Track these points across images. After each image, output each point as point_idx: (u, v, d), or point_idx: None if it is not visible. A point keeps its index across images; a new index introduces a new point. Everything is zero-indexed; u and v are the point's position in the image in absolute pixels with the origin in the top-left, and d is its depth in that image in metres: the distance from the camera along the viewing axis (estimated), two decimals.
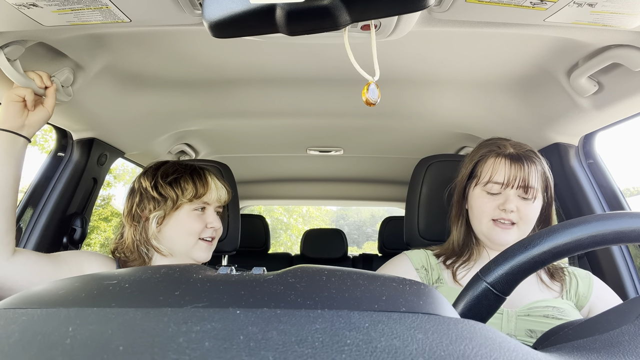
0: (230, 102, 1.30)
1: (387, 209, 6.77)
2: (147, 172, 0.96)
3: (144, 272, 0.32)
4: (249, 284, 0.29)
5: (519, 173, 0.88)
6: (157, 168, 0.97)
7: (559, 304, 0.83)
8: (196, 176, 0.95)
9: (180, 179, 0.94)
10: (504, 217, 0.87)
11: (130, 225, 0.93)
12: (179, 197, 0.92)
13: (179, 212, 0.93)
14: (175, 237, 0.93)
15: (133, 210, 0.93)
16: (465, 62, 1.05)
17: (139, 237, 0.92)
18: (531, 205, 0.88)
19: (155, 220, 0.91)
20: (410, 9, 0.50)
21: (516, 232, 0.88)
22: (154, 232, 0.91)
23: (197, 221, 0.93)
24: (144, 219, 0.92)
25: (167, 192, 0.92)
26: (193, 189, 0.93)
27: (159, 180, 0.93)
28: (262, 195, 2.62)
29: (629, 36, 0.78)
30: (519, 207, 0.87)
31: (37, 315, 0.25)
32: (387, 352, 0.21)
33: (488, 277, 0.44)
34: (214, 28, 0.50)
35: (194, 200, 0.93)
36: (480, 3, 0.66)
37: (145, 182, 0.94)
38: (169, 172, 0.95)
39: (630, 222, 0.42)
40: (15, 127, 0.81)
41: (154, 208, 0.91)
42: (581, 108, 1.05)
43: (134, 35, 0.94)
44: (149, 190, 0.92)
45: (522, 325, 0.80)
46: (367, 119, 1.40)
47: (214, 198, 0.97)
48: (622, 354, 0.27)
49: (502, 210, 0.87)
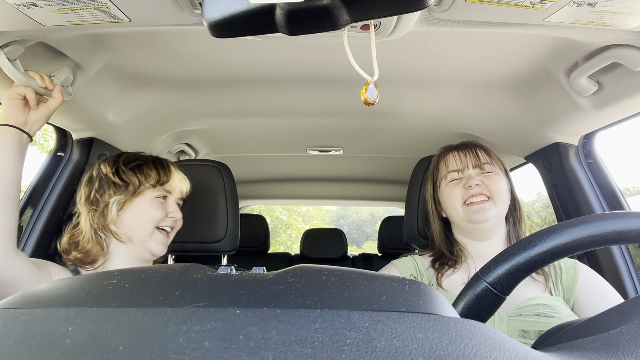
0: (230, 102, 1.30)
1: (387, 209, 6.77)
2: (109, 160, 0.95)
3: (144, 272, 0.32)
4: (249, 284, 0.29)
5: (468, 155, 0.98)
6: (119, 156, 0.96)
7: (550, 302, 0.82)
8: (159, 164, 0.96)
9: (144, 166, 0.94)
10: (473, 194, 0.92)
11: (89, 211, 0.90)
12: (142, 183, 0.91)
13: (141, 198, 0.92)
14: (134, 224, 0.91)
15: (92, 197, 0.91)
16: (465, 62, 1.05)
17: (97, 222, 0.89)
18: (495, 177, 0.94)
19: (116, 205, 0.89)
20: (410, 9, 0.50)
21: (493, 207, 0.92)
22: (114, 218, 0.89)
23: (159, 209, 0.92)
24: (103, 205, 0.90)
25: (129, 177, 0.91)
26: (156, 175, 0.93)
27: (121, 167, 0.92)
28: (262, 195, 2.62)
29: (629, 36, 0.78)
30: (483, 181, 0.93)
31: (37, 315, 0.25)
32: (387, 352, 0.21)
33: (488, 277, 0.44)
34: (214, 28, 0.50)
35: (157, 186, 0.93)
36: (480, 3, 0.66)
37: (106, 168, 0.93)
38: (132, 159, 0.95)
39: (630, 222, 0.42)
40: (19, 123, 0.82)
41: (115, 193, 0.90)
42: (581, 108, 1.05)
43: (134, 35, 0.94)
44: (109, 176, 0.91)
45: (514, 326, 0.80)
46: (367, 119, 1.40)
47: (177, 188, 0.97)
48: (622, 354, 0.27)
49: (468, 189, 0.93)
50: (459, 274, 0.94)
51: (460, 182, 0.96)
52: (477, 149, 0.99)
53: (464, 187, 0.94)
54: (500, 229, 0.96)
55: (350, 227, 38.89)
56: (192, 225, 1.12)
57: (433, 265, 0.97)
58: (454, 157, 0.99)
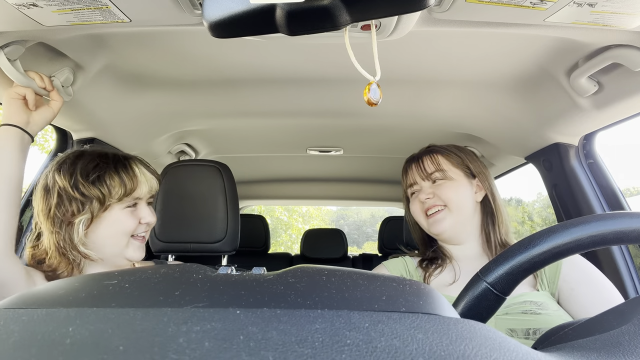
0: (230, 102, 1.30)
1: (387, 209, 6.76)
2: (63, 168, 0.82)
3: (144, 272, 0.32)
4: (249, 284, 0.29)
5: (415, 168, 1.00)
6: (74, 163, 0.82)
7: (536, 298, 0.81)
8: (122, 169, 0.84)
9: (105, 176, 0.81)
10: (428, 207, 0.95)
11: (52, 232, 0.79)
12: (107, 197, 0.81)
13: (109, 212, 0.82)
14: (106, 240, 0.83)
15: (52, 213, 0.79)
16: (465, 62, 1.05)
17: (63, 243, 0.79)
18: (446, 185, 0.95)
19: (82, 224, 0.80)
20: (410, 9, 0.50)
21: (447, 216, 0.94)
22: (81, 237, 0.80)
23: (130, 219, 0.84)
24: (67, 223, 0.80)
25: (91, 192, 0.80)
26: (121, 185, 0.82)
27: (79, 179, 0.80)
28: (262, 195, 2.62)
29: (629, 36, 0.78)
30: (434, 192, 0.95)
31: (37, 315, 0.25)
32: (387, 352, 0.21)
33: (488, 277, 0.44)
34: (214, 28, 0.50)
35: (124, 198, 0.83)
36: (480, 3, 0.66)
37: (62, 180, 0.80)
38: (90, 168, 0.82)
39: (630, 222, 0.42)
40: (20, 122, 0.82)
41: (79, 210, 0.79)
42: (581, 108, 1.05)
43: (134, 35, 0.94)
44: (68, 190, 0.79)
45: (502, 325, 0.79)
46: (367, 119, 1.40)
47: (145, 191, 0.87)
48: (622, 354, 0.27)
49: (422, 203, 0.96)
50: (446, 274, 0.94)
51: (417, 195, 0.99)
52: (424, 157, 1.00)
53: (420, 200, 0.98)
54: (471, 233, 0.96)
55: (350, 227, 38.89)
56: (192, 225, 1.12)
57: (420, 264, 0.99)
58: (408, 172, 1.03)
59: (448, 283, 0.91)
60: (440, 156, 1.00)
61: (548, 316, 0.77)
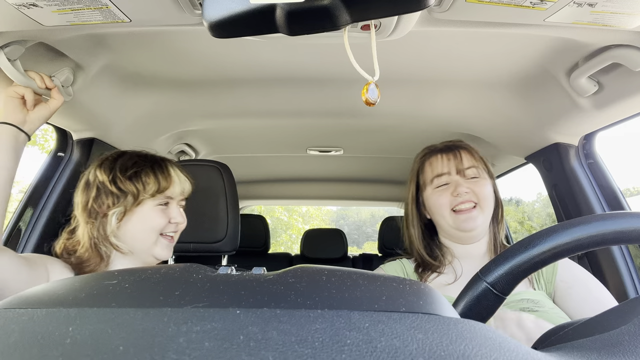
0: (230, 102, 1.30)
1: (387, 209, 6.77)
2: (104, 164, 0.89)
3: (144, 272, 0.32)
4: (249, 284, 0.29)
5: (453, 160, 0.95)
6: (115, 160, 0.90)
7: (533, 296, 0.82)
8: (158, 169, 0.90)
9: (141, 173, 0.88)
10: (462, 201, 0.91)
11: (87, 222, 0.86)
12: (141, 193, 0.86)
13: (141, 207, 0.87)
14: (136, 234, 0.88)
15: (89, 206, 0.86)
16: (465, 62, 1.05)
17: (97, 234, 0.85)
18: (481, 182, 0.93)
19: (115, 216, 0.85)
20: (410, 9, 0.50)
21: (480, 214, 0.92)
22: (114, 229, 0.85)
23: (161, 216, 0.89)
24: (102, 215, 0.86)
25: (127, 186, 0.86)
26: (155, 183, 0.88)
27: (118, 174, 0.87)
28: (262, 195, 2.62)
29: (629, 36, 0.78)
30: (471, 188, 0.92)
31: (37, 315, 0.25)
32: (387, 352, 0.21)
33: (488, 277, 0.44)
34: (214, 28, 0.50)
35: (157, 195, 0.88)
36: (480, 3, 0.66)
37: (102, 175, 0.87)
38: (128, 165, 0.89)
39: (630, 222, 0.42)
40: (17, 121, 0.81)
41: (113, 204, 0.85)
42: (581, 108, 1.05)
43: (134, 35, 0.94)
44: (107, 185, 0.86)
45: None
46: (367, 119, 1.40)
47: (178, 192, 0.92)
48: (622, 354, 0.27)
49: (456, 196, 0.92)
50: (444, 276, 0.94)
51: (447, 188, 0.94)
52: (461, 151, 0.97)
53: (451, 194, 0.93)
54: (485, 232, 0.96)
55: (350, 227, 38.90)
56: (192, 225, 1.12)
57: (416, 270, 0.97)
58: (440, 160, 0.97)
59: (448, 283, 0.92)
60: (475, 153, 0.98)
61: (545, 313, 0.78)
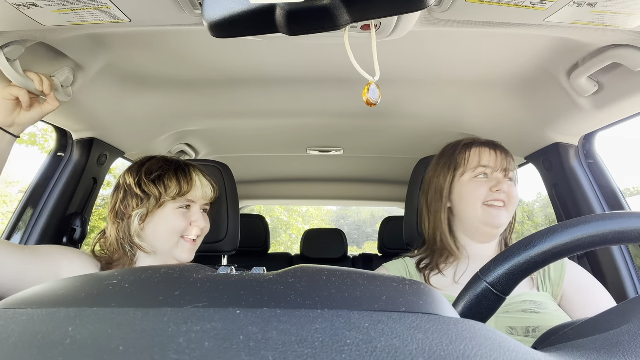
0: (230, 102, 1.30)
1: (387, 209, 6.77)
2: (132, 168, 0.95)
3: (144, 272, 0.32)
4: (249, 284, 0.29)
5: (500, 157, 0.94)
6: (142, 164, 0.95)
7: (536, 298, 0.83)
8: (180, 173, 0.94)
9: (164, 176, 0.92)
10: (496, 198, 0.91)
11: (114, 222, 0.91)
12: (162, 195, 0.90)
13: (163, 210, 0.91)
14: (157, 235, 0.91)
15: (117, 207, 0.91)
16: (465, 62, 1.05)
17: (122, 234, 0.90)
18: (514, 186, 0.94)
19: (137, 217, 0.90)
20: (410, 9, 0.50)
21: (506, 214, 0.92)
22: (137, 230, 0.90)
23: (181, 219, 0.92)
24: (127, 216, 0.91)
25: (150, 189, 0.90)
26: (177, 186, 0.91)
27: (143, 178, 0.91)
28: (262, 195, 2.62)
29: (629, 36, 0.78)
30: (507, 189, 0.92)
31: (37, 315, 0.25)
32: (387, 352, 0.21)
33: (488, 277, 0.44)
34: (214, 28, 0.50)
35: (178, 198, 0.92)
36: (480, 3, 0.66)
37: (129, 178, 0.92)
38: (153, 169, 0.93)
39: (630, 222, 0.42)
40: (5, 124, 0.80)
41: (137, 205, 0.90)
42: (581, 108, 1.05)
43: (134, 35, 0.94)
44: (132, 187, 0.91)
45: (502, 323, 0.80)
46: (367, 119, 1.40)
47: (199, 195, 0.95)
48: (622, 354, 0.27)
49: (495, 192, 0.91)
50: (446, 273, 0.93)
51: (487, 181, 0.93)
52: (509, 153, 0.97)
53: (490, 188, 0.91)
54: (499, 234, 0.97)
55: (350, 227, 38.91)
56: None
57: (417, 266, 0.97)
58: (488, 153, 0.94)
59: (448, 283, 0.91)
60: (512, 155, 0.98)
61: (547, 315, 0.78)
